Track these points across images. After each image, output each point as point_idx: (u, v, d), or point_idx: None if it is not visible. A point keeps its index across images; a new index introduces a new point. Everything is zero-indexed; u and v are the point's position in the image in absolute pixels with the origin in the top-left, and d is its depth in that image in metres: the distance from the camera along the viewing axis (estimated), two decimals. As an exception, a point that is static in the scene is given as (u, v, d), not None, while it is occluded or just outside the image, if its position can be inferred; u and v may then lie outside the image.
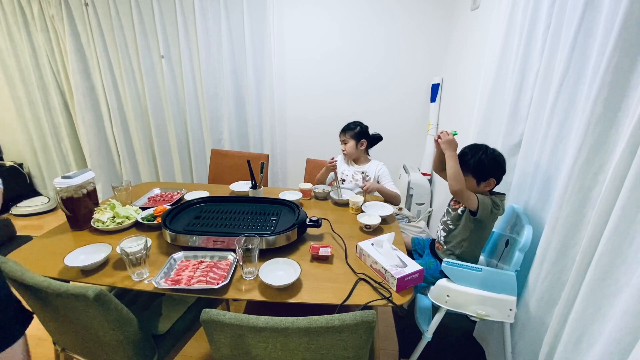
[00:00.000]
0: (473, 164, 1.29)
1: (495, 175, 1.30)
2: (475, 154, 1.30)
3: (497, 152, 1.31)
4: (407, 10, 2.47)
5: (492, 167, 1.28)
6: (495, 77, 1.58)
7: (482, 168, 1.28)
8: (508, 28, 1.51)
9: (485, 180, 1.30)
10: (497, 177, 1.30)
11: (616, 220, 0.82)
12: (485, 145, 1.32)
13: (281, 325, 0.77)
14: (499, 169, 1.30)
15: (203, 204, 1.48)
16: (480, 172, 1.29)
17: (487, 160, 1.28)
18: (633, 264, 0.80)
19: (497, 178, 1.31)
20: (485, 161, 1.28)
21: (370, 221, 1.41)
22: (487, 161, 1.28)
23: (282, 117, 2.81)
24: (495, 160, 1.29)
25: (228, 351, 0.84)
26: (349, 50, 2.60)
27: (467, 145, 1.36)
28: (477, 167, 1.29)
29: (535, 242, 1.24)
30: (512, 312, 1.23)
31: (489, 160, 1.28)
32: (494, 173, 1.29)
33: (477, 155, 1.29)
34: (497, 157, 1.29)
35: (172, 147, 2.90)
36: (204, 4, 2.45)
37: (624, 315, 0.78)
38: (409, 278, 1.04)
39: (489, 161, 1.28)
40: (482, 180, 1.30)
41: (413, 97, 2.68)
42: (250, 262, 1.05)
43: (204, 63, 2.59)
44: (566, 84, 1.14)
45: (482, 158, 1.28)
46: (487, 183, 1.30)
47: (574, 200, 1.04)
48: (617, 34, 0.87)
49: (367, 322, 0.79)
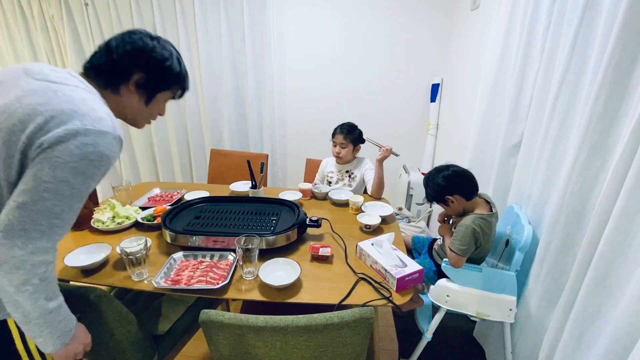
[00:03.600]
0: (431, 194, 1.35)
1: (455, 191, 1.30)
2: (426, 185, 1.36)
3: (444, 172, 1.31)
4: (407, 11, 2.47)
5: (444, 188, 1.30)
6: (495, 77, 1.58)
7: (437, 193, 1.32)
8: (508, 28, 1.51)
9: (449, 201, 1.31)
10: (460, 192, 1.30)
11: (616, 220, 0.82)
12: (437, 169, 1.35)
13: (280, 324, 0.77)
14: (455, 185, 1.30)
15: (203, 204, 1.48)
16: (439, 198, 1.33)
17: (435, 185, 1.32)
18: (633, 264, 0.80)
19: (461, 192, 1.30)
20: (435, 187, 1.32)
21: (370, 221, 1.41)
22: (436, 186, 1.32)
23: (282, 117, 2.81)
24: (445, 180, 1.30)
25: (227, 351, 0.84)
26: (348, 50, 2.60)
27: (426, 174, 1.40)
28: (434, 196, 1.34)
29: (535, 242, 1.24)
30: (512, 312, 1.23)
31: (436, 184, 1.31)
32: (452, 190, 1.30)
33: (427, 185, 1.36)
34: (447, 176, 1.30)
35: (172, 147, 2.90)
36: (204, 4, 2.45)
37: (624, 315, 0.78)
38: (409, 278, 1.04)
39: (438, 184, 1.31)
40: (447, 204, 1.33)
41: (413, 97, 2.67)
42: (250, 262, 1.05)
43: (204, 63, 2.59)
44: (566, 84, 1.14)
45: (431, 186, 1.33)
46: (454, 200, 1.30)
47: (574, 200, 1.04)
48: (617, 34, 0.87)
49: (366, 319, 0.80)
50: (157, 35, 0.83)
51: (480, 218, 1.25)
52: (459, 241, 1.24)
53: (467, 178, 1.32)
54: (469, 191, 1.31)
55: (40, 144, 0.61)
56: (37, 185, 0.61)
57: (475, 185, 1.32)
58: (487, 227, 1.26)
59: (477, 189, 1.33)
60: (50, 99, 0.64)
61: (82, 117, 0.64)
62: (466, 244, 1.22)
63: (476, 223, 1.24)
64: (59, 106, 0.63)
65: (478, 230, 1.23)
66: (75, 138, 0.62)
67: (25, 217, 0.61)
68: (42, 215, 0.63)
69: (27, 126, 0.61)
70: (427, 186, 1.36)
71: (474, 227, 1.23)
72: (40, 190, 0.61)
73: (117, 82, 0.77)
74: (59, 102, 0.64)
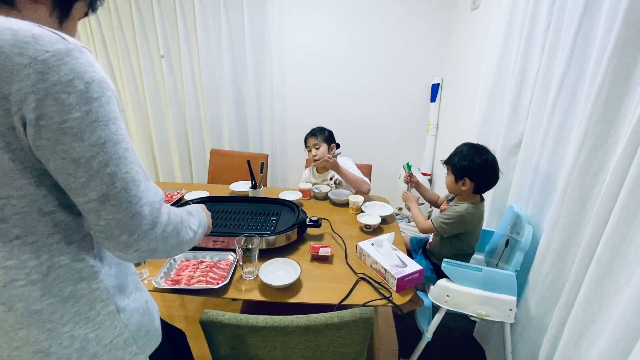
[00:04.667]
0: (457, 165, 1.33)
1: (470, 178, 1.31)
2: (460, 155, 1.34)
3: (485, 159, 1.30)
4: (407, 11, 2.47)
5: (465, 169, 1.31)
6: (495, 77, 1.58)
7: (463, 169, 1.32)
8: (508, 28, 1.51)
9: (460, 179, 1.33)
10: (473, 180, 1.31)
11: (616, 220, 0.82)
12: (480, 148, 1.33)
13: (280, 324, 0.77)
14: (476, 174, 1.30)
15: (203, 204, 1.48)
16: (460, 172, 1.33)
17: (464, 161, 1.31)
18: (633, 264, 0.80)
19: (474, 181, 1.31)
20: (468, 164, 1.30)
21: (370, 221, 1.41)
22: (464, 161, 1.31)
23: (282, 117, 2.81)
24: (476, 165, 1.29)
25: (227, 351, 0.84)
26: (348, 50, 2.60)
27: (467, 143, 1.38)
28: (458, 168, 1.33)
29: (535, 242, 1.24)
30: (512, 312, 1.23)
31: (469, 163, 1.30)
32: (470, 175, 1.31)
33: (461, 155, 1.33)
34: (479, 164, 1.29)
35: (171, 147, 2.90)
36: (204, 4, 2.45)
37: (624, 315, 0.78)
38: (409, 278, 1.04)
39: (469, 164, 1.30)
40: (459, 179, 1.33)
41: (413, 97, 2.67)
42: (250, 262, 1.05)
43: (204, 63, 2.59)
44: (566, 84, 1.14)
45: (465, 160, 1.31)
46: (462, 183, 1.33)
47: (574, 200, 1.04)
48: (617, 34, 0.87)
49: (366, 319, 0.80)
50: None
51: (474, 208, 1.33)
52: (445, 220, 1.32)
53: (495, 178, 1.33)
54: (485, 188, 1.35)
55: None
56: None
57: (493, 185, 1.36)
58: (477, 217, 1.34)
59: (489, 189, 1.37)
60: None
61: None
62: (449, 225, 1.31)
63: (468, 211, 1.31)
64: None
65: (467, 219, 1.31)
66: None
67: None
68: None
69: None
70: (460, 156, 1.32)
71: (465, 215, 1.30)
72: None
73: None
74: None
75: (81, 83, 0.44)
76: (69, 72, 0.43)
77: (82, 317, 0.52)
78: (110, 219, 0.47)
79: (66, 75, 0.42)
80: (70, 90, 0.43)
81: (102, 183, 0.46)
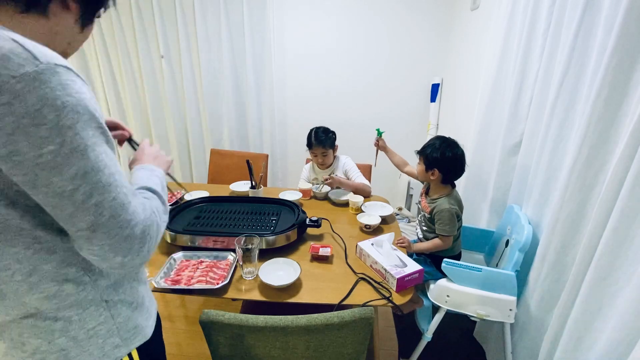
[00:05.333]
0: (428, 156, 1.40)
1: (439, 169, 1.37)
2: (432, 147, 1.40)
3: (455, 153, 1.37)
4: (407, 11, 2.47)
5: (436, 160, 1.37)
6: (495, 77, 1.58)
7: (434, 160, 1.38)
8: (508, 28, 1.51)
9: (430, 169, 1.39)
10: (442, 171, 1.37)
11: (616, 220, 0.82)
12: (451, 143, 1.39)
13: (280, 324, 0.77)
14: (445, 166, 1.37)
15: (203, 203, 1.48)
16: (430, 163, 1.39)
17: (436, 153, 1.37)
18: (633, 264, 0.80)
19: (442, 172, 1.38)
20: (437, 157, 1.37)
21: (370, 221, 1.41)
22: (435, 153, 1.37)
23: (282, 117, 2.81)
24: (446, 158, 1.36)
25: (227, 351, 0.84)
26: (348, 50, 2.60)
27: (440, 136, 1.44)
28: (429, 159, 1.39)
29: (535, 242, 1.24)
30: (512, 312, 1.23)
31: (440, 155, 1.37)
32: (439, 166, 1.37)
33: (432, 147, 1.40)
34: (449, 157, 1.36)
35: (172, 147, 2.90)
36: (204, 4, 2.45)
37: (624, 315, 0.78)
38: (408, 278, 1.04)
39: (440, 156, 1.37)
40: (429, 169, 1.40)
41: (413, 97, 2.67)
42: (250, 262, 1.05)
43: (204, 63, 2.59)
44: (566, 84, 1.14)
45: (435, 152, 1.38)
46: (432, 173, 1.39)
47: (574, 200, 1.04)
48: (617, 34, 0.87)
49: (366, 319, 0.80)
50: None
51: (452, 198, 1.39)
52: (447, 226, 1.36)
53: (462, 170, 1.40)
54: (451, 179, 1.42)
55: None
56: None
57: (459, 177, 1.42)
58: (460, 203, 1.41)
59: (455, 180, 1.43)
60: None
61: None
62: (453, 225, 1.36)
63: (451, 203, 1.37)
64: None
65: (455, 209, 1.37)
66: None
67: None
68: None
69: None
70: (433, 148, 1.39)
71: (452, 207, 1.36)
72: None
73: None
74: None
75: (51, 112, 0.40)
76: (36, 100, 0.39)
77: (68, 302, 0.53)
78: (103, 245, 0.47)
79: (34, 105, 0.39)
80: (40, 122, 0.40)
81: (89, 214, 0.45)
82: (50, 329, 0.53)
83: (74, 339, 0.54)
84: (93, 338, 0.56)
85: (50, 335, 0.53)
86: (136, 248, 0.50)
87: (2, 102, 0.38)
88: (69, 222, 0.46)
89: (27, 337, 0.52)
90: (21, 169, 0.41)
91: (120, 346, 0.59)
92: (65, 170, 0.43)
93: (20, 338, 0.52)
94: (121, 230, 0.48)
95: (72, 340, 0.54)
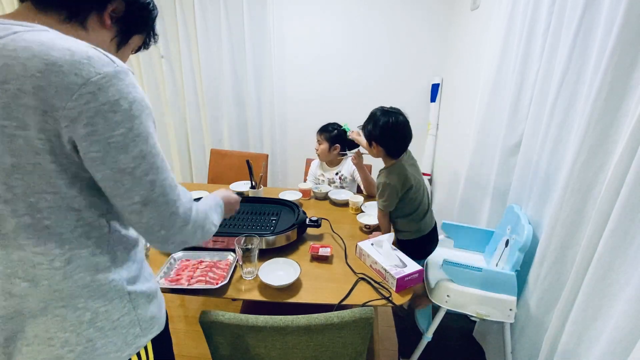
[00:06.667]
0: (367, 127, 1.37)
1: (378, 142, 1.33)
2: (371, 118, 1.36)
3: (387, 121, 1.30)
4: (407, 11, 2.47)
5: (370, 133, 1.33)
6: (495, 77, 1.58)
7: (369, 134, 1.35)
8: (508, 28, 1.51)
9: (370, 144, 1.36)
10: (381, 145, 1.33)
11: (616, 220, 0.82)
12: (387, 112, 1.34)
13: (280, 324, 0.77)
14: (383, 138, 1.32)
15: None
16: (367, 136, 1.36)
17: (370, 127, 1.33)
18: (633, 264, 0.80)
19: (382, 145, 1.33)
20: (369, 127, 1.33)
21: (370, 221, 1.41)
22: (371, 128, 1.33)
23: (282, 117, 2.81)
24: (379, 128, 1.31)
25: (227, 351, 0.84)
26: (348, 50, 2.60)
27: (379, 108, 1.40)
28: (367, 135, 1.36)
29: (535, 242, 1.24)
30: (512, 312, 1.23)
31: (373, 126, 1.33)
32: (377, 140, 1.33)
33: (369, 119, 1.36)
34: (383, 125, 1.30)
35: (172, 146, 2.90)
36: (204, 4, 2.45)
37: (624, 315, 0.78)
38: (408, 278, 1.04)
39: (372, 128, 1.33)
40: (370, 144, 1.37)
41: (413, 97, 2.67)
42: (250, 262, 1.05)
43: (204, 63, 2.59)
44: (566, 84, 1.14)
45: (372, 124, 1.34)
46: (375, 148, 1.35)
47: (574, 200, 1.04)
48: (617, 34, 0.87)
49: (366, 319, 0.80)
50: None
51: (389, 171, 1.33)
52: (381, 199, 1.33)
53: (404, 140, 1.33)
54: (395, 151, 1.34)
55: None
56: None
57: (404, 147, 1.35)
58: (400, 175, 1.30)
59: (404, 151, 1.36)
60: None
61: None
62: (387, 199, 1.31)
63: (389, 177, 1.31)
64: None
65: (393, 183, 1.29)
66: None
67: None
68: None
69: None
70: (368, 121, 1.36)
71: (388, 182, 1.30)
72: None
73: (87, 10, 0.56)
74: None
75: (125, 103, 0.50)
76: (115, 93, 0.49)
77: (96, 293, 0.57)
78: (150, 218, 0.55)
79: (113, 95, 0.49)
80: (117, 109, 0.49)
81: (144, 189, 0.54)
82: (79, 320, 0.56)
83: (100, 329, 0.58)
84: (117, 329, 0.59)
85: (79, 327, 0.56)
86: (178, 225, 0.59)
87: (88, 91, 0.47)
88: (125, 196, 0.53)
89: (55, 331, 0.55)
90: (95, 147, 0.49)
91: (140, 336, 0.63)
92: (130, 150, 0.51)
93: (46, 334, 0.54)
94: (167, 207, 0.56)
95: (99, 331, 0.57)
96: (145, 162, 0.53)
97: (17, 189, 0.49)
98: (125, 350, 0.60)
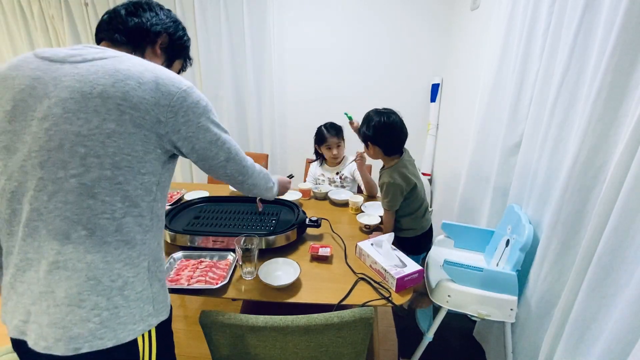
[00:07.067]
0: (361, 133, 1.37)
1: (373, 142, 1.33)
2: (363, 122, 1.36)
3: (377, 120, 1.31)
4: (407, 11, 2.47)
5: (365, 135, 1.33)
6: (495, 77, 1.58)
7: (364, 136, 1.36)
8: (508, 28, 1.51)
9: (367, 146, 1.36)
10: (377, 144, 1.33)
11: (616, 220, 0.82)
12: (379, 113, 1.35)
13: (280, 324, 0.77)
14: (377, 139, 1.32)
15: (203, 203, 1.48)
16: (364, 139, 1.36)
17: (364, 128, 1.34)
18: (633, 264, 0.80)
19: (378, 145, 1.33)
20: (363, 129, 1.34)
21: (370, 221, 1.41)
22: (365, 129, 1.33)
23: (282, 117, 2.81)
24: (372, 128, 1.31)
25: (227, 351, 0.84)
26: (348, 50, 2.60)
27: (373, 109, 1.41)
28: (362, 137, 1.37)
29: (536, 242, 1.24)
30: (513, 311, 1.23)
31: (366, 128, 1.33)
32: (372, 140, 1.33)
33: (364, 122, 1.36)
34: (376, 125, 1.31)
35: (172, 147, 2.90)
36: (204, 4, 2.45)
37: (624, 315, 0.78)
38: (408, 278, 1.04)
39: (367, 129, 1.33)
40: (366, 145, 1.37)
41: (413, 97, 2.67)
42: (250, 262, 1.05)
43: (204, 63, 2.59)
44: (566, 84, 1.14)
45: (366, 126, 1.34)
46: (372, 149, 1.35)
47: (574, 200, 1.04)
48: (617, 34, 0.87)
49: (366, 319, 0.80)
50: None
51: (392, 171, 1.34)
52: (385, 199, 1.34)
53: (399, 138, 1.34)
54: (392, 149, 1.35)
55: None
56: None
57: (400, 145, 1.35)
58: (402, 175, 1.33)
59: (400, 149, 1.36)
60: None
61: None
62: (392, 199, 1.32)
63: (393, 177, 1.32)
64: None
65: (398, 182, 1.31)
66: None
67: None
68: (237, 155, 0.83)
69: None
70: (362, 123, 1.37)
71: (391, 181, 1.31)
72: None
73: (145, 43, 0.80)
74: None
75: (202, 102, 0.72)
76: (195, 97, 0.70)
77: (130, 262, 0.65)
78: (232, 169, 0.82)
79: (194, 98, 0.70)
80: (199, 107, 0.71)
81: (225, 152, 0.78)
82: (111, 286, 0.63)
83: (126, 298, 0.64)
84: (138, 301, 0.66)
85: (109, 292, 0.62)
86: (249, 173, 0.87)
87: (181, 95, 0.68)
88: (214, 157, 0.77)
89: (88, 294, 0.61)
90: (191, 129, 0.70)
91: (152, 315, 0.69)
92: (211, 129, 0.74)
93: (79, 296, 0.60)
94: (241, 161, 0.84)
95: (124, 299, 0.64)
96: (221, 138, 0.77)
97: (110, 148, 0.62)
98: (139, 324, 0.66)
